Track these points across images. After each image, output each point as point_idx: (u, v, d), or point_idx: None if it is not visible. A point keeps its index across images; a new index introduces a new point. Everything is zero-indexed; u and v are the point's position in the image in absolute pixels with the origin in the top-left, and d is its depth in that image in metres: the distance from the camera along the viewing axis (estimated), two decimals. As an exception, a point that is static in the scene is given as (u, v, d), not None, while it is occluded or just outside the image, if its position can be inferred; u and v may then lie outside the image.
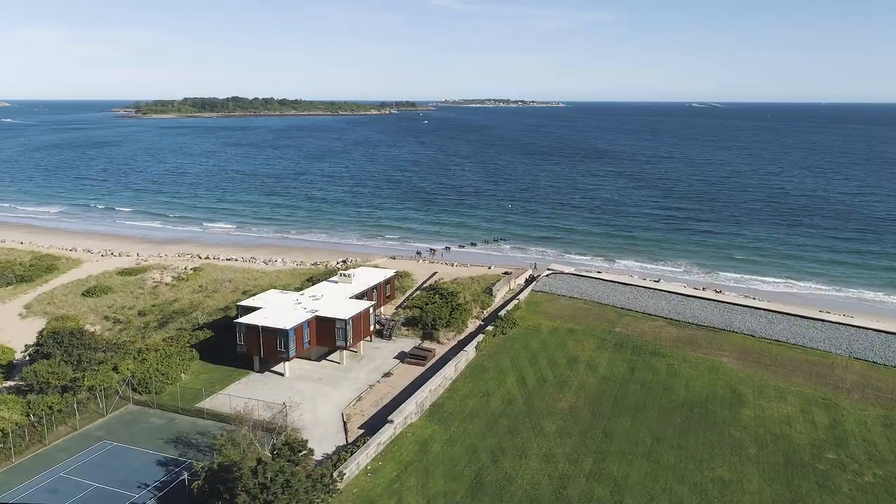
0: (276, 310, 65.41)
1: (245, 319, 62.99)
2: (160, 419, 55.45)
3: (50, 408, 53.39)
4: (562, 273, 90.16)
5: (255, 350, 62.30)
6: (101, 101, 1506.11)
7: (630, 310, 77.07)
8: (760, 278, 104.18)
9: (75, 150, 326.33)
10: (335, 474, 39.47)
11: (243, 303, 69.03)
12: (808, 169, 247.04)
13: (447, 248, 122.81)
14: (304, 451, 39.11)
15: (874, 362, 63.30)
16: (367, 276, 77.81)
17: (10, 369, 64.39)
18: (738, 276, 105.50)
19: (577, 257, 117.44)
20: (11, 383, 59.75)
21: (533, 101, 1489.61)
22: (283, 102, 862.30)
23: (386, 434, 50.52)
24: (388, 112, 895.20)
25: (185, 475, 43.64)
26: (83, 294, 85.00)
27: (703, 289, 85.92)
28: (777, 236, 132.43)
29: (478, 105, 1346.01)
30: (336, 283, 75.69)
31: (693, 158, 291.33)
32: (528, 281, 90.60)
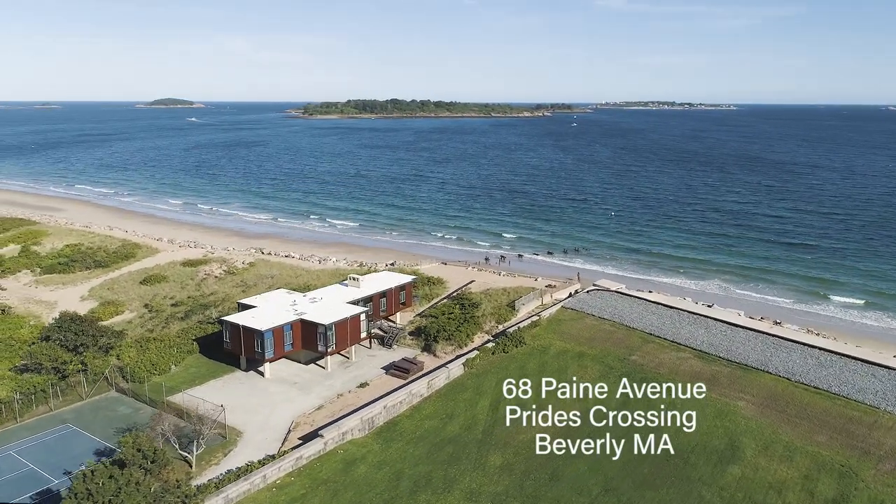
0: (267, 310, 65.74)
1: (230, 318, 63.92)
2: (128, 408, 57.56)
3: (34, 387, 57.25)
4: (607, 290, 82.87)
5: (238, 349, 62.96)
6: (279, 102, 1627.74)
7: (658, 336, 68.77)
8: (860, 317, 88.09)
9: (227, 148, 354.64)
10: (191, 485, 38.10)
11: (243, 300, 70.27)
12: None
13: (520, 256, 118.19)
14: (156, 461, 38.12)
15: (932, 426, 51.09)
16: (379, 282, 76.11)
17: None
18: (834, 310, 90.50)
19: (651, 276, 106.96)
20: (26, 362, 64.79)
21: (700, 104, 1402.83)
22: (439, 104, 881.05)
23: (313, 448, 48.55)
24: (541, 114, 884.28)
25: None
26: (141, 282, 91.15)
27: (761, 318, 74.70)
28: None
29: (639, 108, 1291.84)
30: (346, 286, 74.80)
31: (855, 169, 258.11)
32: (571, 296, 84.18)
